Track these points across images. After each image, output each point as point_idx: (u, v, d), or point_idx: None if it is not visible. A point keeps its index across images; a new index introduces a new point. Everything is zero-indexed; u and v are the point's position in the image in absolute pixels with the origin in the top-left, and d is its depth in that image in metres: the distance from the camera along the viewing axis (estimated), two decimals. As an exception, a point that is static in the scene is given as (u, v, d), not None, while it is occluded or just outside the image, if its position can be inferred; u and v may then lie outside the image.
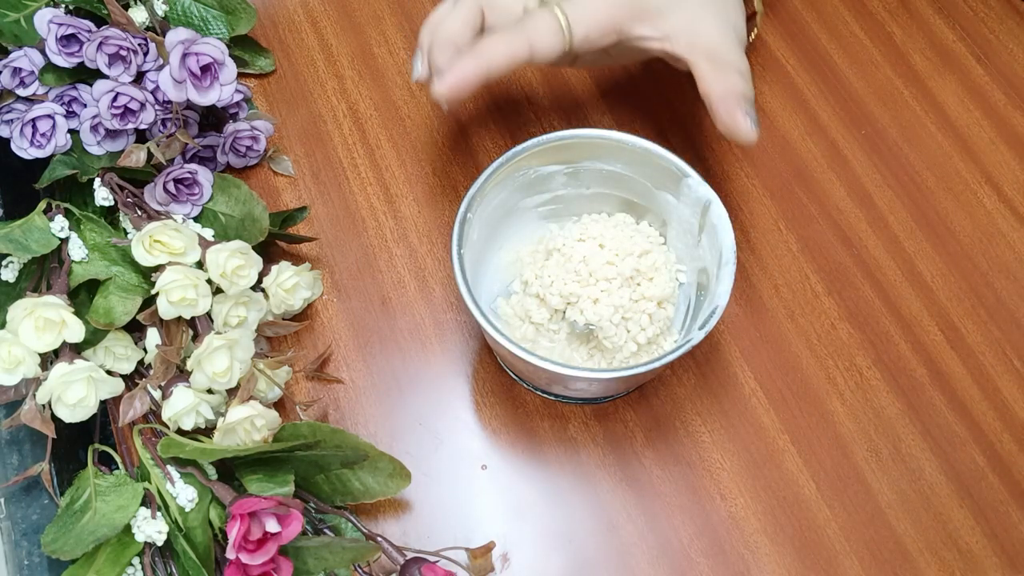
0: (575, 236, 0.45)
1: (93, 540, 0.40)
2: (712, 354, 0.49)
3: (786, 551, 0.44)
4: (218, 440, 0.42)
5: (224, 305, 0.44)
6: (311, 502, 0.43)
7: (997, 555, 0.44)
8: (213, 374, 0.42)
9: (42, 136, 0.48)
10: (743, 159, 0.55)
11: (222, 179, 0.50)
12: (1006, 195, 0.53)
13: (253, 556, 0.37)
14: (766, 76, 0.57)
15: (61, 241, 0.45)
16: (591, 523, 0.45)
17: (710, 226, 0.44)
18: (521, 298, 0.47)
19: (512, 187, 0.47)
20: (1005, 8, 0.60)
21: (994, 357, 0.49)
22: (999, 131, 0.55)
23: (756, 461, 0.46)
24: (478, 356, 0.49)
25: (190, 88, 0.46)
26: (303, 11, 0.60)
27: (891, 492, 0.46)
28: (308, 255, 0.52)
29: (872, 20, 0.59)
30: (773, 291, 0.51)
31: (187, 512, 0.41)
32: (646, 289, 0.44)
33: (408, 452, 0.47)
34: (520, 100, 0.57)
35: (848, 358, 0.49)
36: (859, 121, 0.56)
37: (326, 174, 0.54)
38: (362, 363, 0.49)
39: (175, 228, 0.44)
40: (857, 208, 0.53)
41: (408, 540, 0.45)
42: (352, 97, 0.57)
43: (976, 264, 0.51)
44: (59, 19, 0.47)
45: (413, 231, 0.53)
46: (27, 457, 0.45)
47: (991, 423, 0.47)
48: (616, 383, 0.43)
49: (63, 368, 0.42)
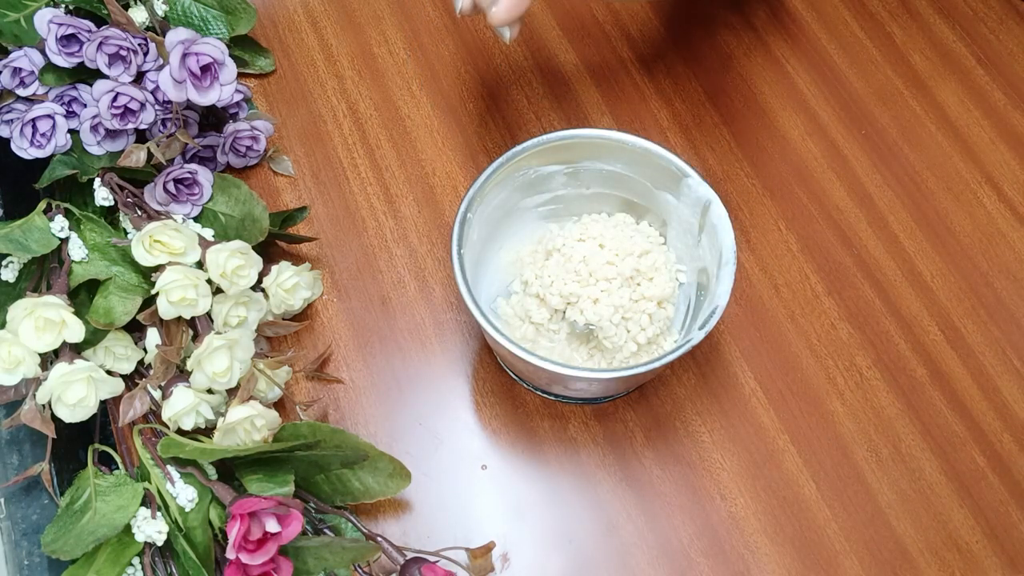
0: (575, 236, 0.45)
1: (93, 540, 0.40)
2: (712, 354, 0.49)
3: (786, 551, 0.44)
4: (218, 440, 0.42)
5: (224, 305, 0.44)
6: (311, 502, 0.43)
7: (997, 555, 0.44)
8: (213, 374, 0.42)
9: (42, 136, 0.48)
10: (743, 159, 0.55)
11: (222, 179, 0.50)
12: (1006, 195, 0.53)
13: (253, 556, 0.37)
14: (766, 76, 0.57)
15: (61, 241, 0.45)
16: (591, 523, 0.45)
17: (710, 226, 0.44)
18: (521, 298, 0.47)
19: (512, 187, 0.47)
20: (1005, 8, 0.60)
21: (994, 357, 0.49)
22: (999, 131, 0.55)
23: (756, 461, 0.46)
24: (478, 356, 0.49)
25: (190, 88, 0.46)
26: (303, 11, 0.60)
27: (891, 492, 0.46)
28: (308, 255, 0.52)
29: (872, 20, 0.59)
30: (773, 291, 0.51)
31: (187, 512, 0.41)
32: (646, 289, 0.44)
33: (408, 452, 0.47)
34: (520, 100, 0.57)
35: (848, 358, 0.49)
36: (859, 121, 0.56)
37: (326, 174, 0.54)
38: (362, 363, 0.49)
39: (175, 228, 0.44)
40: (857, 208, 0.53)
41: (408, 540, 0.45)
42: (352, 97, 0.57)
43: (976, 264, 0.51)
44: (59, 19, 0.47)
45: (413, 231, 0.53)
46: (27, 457, 0.45)
47: (991, 423, 0.47)
48: (616, 383, 0.43)
49: (63, 368, 0.42)
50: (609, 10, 0.60)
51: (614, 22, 0.59)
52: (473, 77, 0.57)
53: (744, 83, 0.57)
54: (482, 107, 0.56)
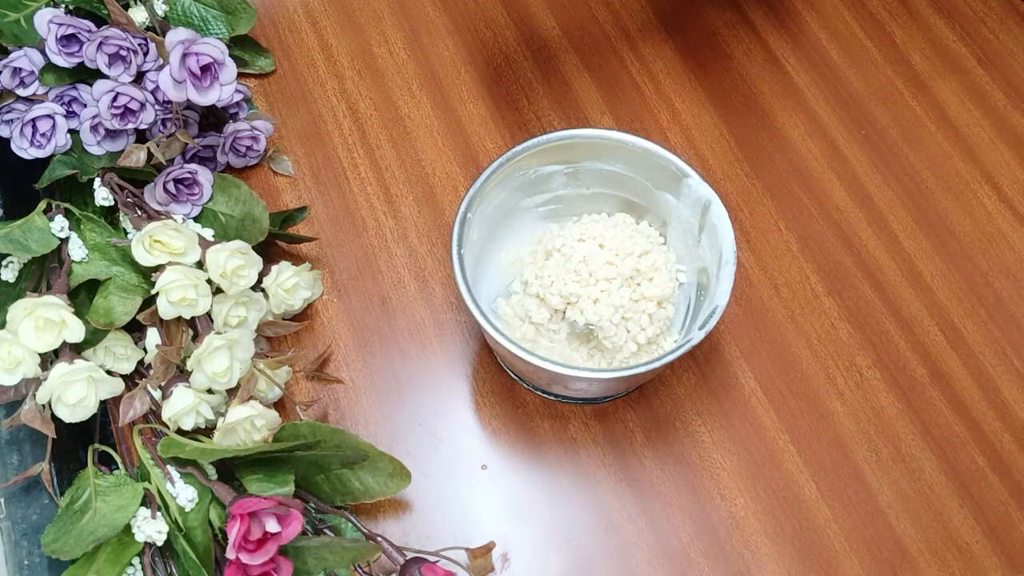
0: (575, 236, 0.45)
1: (93, 540, 0.40)
2: (712, 354, 0.49)
3: (786, 551, 0.44)
4: (218, 440, 0.42)
5: (224, 305, 0.44)
6: (311, 502, 0.43)
7: (997, 555, 0.44)
8: (213, 374, 0.42)
9: (42, 136, 0.48)
10: (743, 159, 0.55)
11: (222, 179, 0.50)
12: (1006, 195, 0.53)
13: (253, 556, 0.37)
14: (766, 76, 0.57)
15: (61, 241, 0.45)
16: (591, 523, 0.45)
17: (710, 226, 0.44)
18: (521, 298, 0.47)
19: (512, 187, 0.47)
20: (1005, 8, 0.60)
21: (994, 357, 0.49)
22: (999, 131, 0.55)
23: (756, 461, 0.46)
24: (478, 356, 0.49)
25: (190, 88, 0.46)
26: (303, 11, 0.60)
27: (891, 492, 0.46)
28: (308, 255, 0.52)
29: (872, 20, 0.59)
30: (773, 291, 0.51)
31: (187, 512, 0.41)
32: (646, 289, 0.44)
33: (408, 452, 0.47)
34: (520, 100, 0.57)
35: (848, 358, 0.49)
36: (859, 121, 0.56)
37: (326, 174, 0.54)
38: (362, 363, 0.49)
39: (175, 228, 0.44)
40: (857, 208, 0.53)
41: (408, 540, 0.45)
42: (352, 97, 0.57)
43: (976, 264, 0.51)
44: (59, 19, 0.47)
45: (413, 231, 0.53)
46: (27, 457, 0.45)
47: (991, 423, 0.47)
48: (616, 383, 0.43)
49: (63, 368, 0.42)
50: (609, 10, 0.60)
51: (614, 22, 0.59)
52: (473, 77, 0.57)
53: (744, 83, 0.57)
54: (482, 107, 0.56)
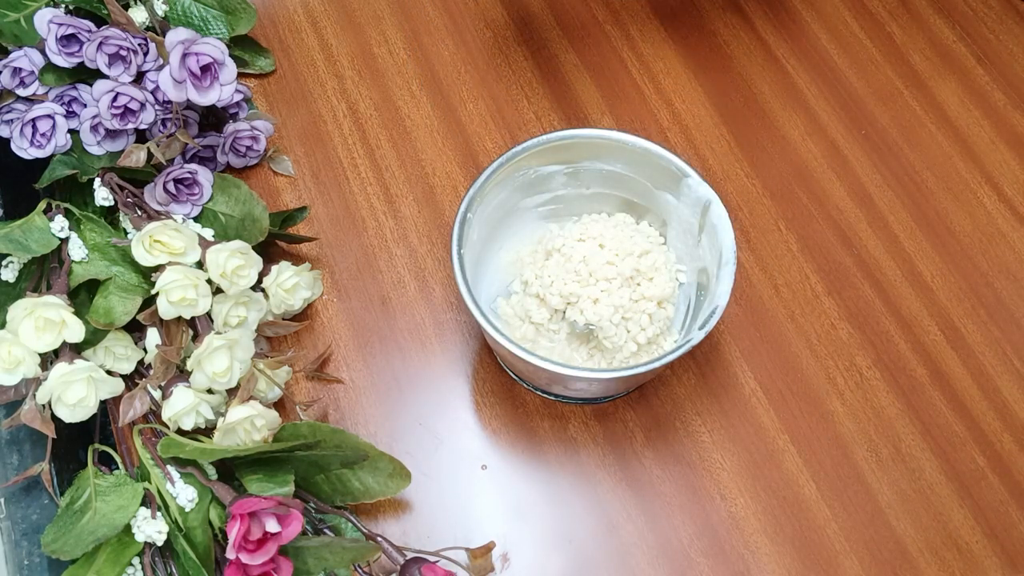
0: (575, 236, 0.45)
1: (93, 540, 0.40)
2: (712, 354, 0.49)
3: (786, 551, 0.44)
4: (218, 440, 0.42)
5: (224, 305, 0.44)
6: (311, 502, 0.43)
7: (997, 555, 0.44)
8: (213, 374, 0.42)
9: (42, 136, 0.48)
10: (743, 159, 0.55)
11: (222, 179, 0.50)
12: (1006, 195, 0.53)
13: (253, 556, 0.37)
14: (766, 76, 0.57)
15: (61, 241, 0.45)
16: (591, 523, 0.45)
17: (710, 226, 0.44)
18: (521, 298, 0.47)
19: (512, 187, 0.47)
20: (1005, 8, 0.60)
21: (994, 357, 0.49)
22: (999, 131, 0.55)
23: (756, 461, 0.46)
24: (478, 356, 0.49)
25: (190, 88, 0.46)
26: (303, 11, 0.60)
27: (891, 492, 0.46)
28: (308, 255, 0.52)
29: (872, 20, 0.59)
30: (773, 291, 0.51)
31: (187, 512, 0.41)
32: (646, 289, 0.44)
33: (408, 452, 0.47)
34: (520, 100, 0.57)
35: (848, 358, 0.49)
36: (859, 121, 0.56)
37: (326, 174, 0.54)
38: (362, 363, 0.49)
39: (175, 228, 0.44)
40: (857, 208, 0.53)
41: (408, 540, 0.45)
42: (352, 97, 0.57)
43: (976, 264, 0.51)
44: (59, 19, 0.47)
45: (413, 231, 0.53)
46: (27, 457, 0.45)
47: (991, 423, 0.47)
48: (616, 383, 0.43)
49: (63, 368, 0.42)
50: (609, 10, 0.60)
51: (614, 22, 0.59)
52: (473, 77, 0.57)
53: (744, 83, 0.57)
54: (482, 107, 0.56)
